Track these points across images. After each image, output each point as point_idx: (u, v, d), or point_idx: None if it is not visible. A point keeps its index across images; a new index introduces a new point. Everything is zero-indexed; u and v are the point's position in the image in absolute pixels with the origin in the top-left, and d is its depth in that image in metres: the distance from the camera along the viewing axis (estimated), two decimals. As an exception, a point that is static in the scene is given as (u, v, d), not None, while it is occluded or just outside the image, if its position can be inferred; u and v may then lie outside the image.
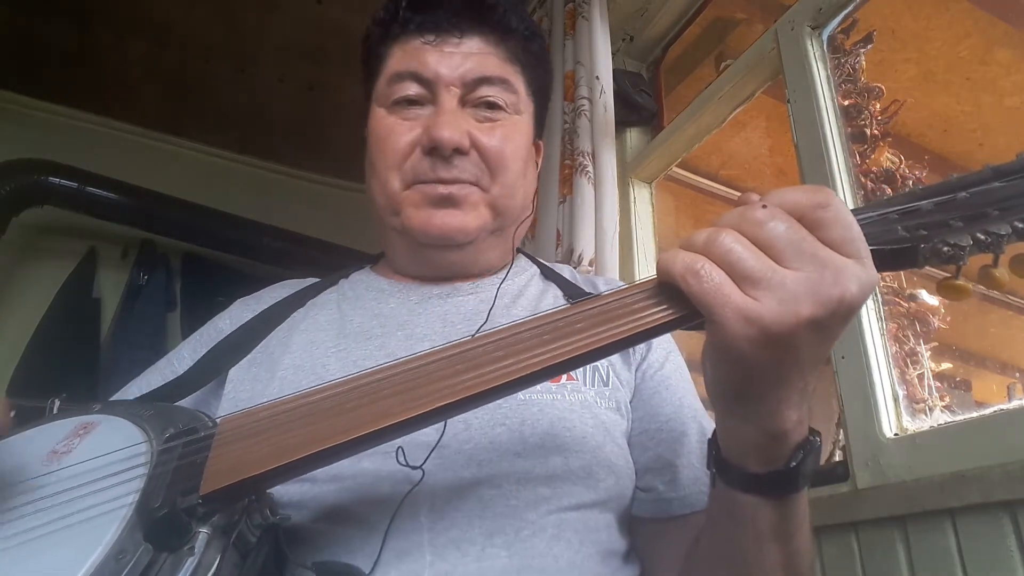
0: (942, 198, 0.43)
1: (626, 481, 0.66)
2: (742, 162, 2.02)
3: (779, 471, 0.47)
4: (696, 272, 0.41)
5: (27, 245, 2.50)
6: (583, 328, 0.45)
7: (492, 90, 0.75)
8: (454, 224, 0.73)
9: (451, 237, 0.73)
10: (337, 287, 0.82)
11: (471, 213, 0.73)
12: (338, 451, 0.46)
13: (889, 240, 0.43)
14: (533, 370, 0.45)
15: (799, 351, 0.42)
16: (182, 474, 0.47)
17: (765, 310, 0.40)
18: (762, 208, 0.42)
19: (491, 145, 0.74)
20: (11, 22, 2.36)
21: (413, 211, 0.73)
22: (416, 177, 0.73)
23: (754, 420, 0.45)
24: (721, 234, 0.42)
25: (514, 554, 0.56)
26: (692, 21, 1.88)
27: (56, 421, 0.59)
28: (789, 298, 0.40)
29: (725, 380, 0.45)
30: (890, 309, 1.15)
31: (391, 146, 0.74)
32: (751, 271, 0.41)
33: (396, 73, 0.76)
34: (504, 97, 0.76)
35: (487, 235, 0.76)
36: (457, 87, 0.74)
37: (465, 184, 0.73)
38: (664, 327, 0.45)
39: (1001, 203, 0.41)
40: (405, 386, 0.47)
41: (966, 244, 0.41)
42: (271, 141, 2.92)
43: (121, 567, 0.41)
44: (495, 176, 0.74)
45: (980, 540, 0.81)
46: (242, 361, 0.72)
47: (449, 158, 0.72)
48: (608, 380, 0.69)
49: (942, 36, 1.62)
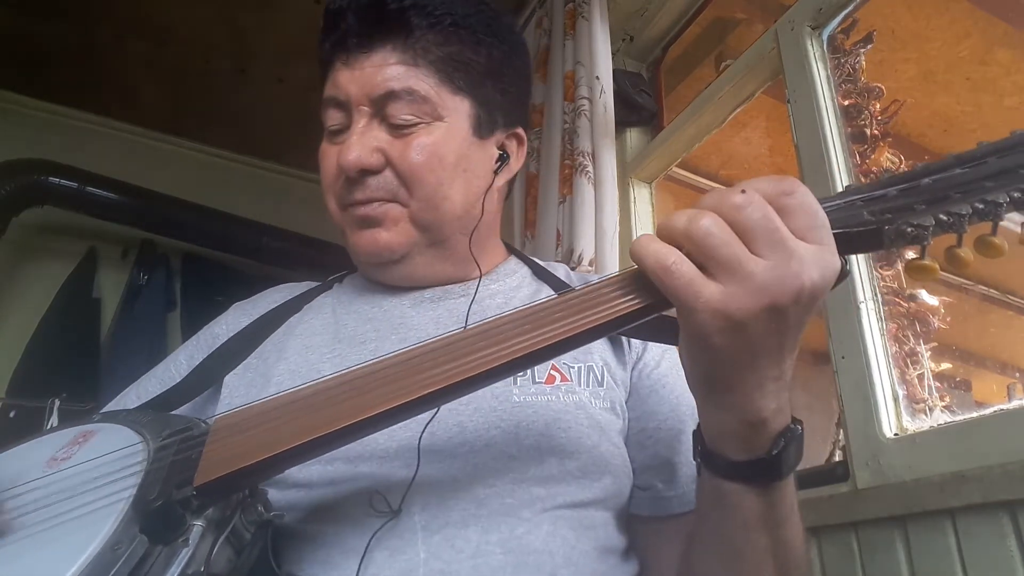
0: (906, 185, 0.45)
1: (623, 480, 0.66)
2: (742, 162, 2.03)
3: (761, 459, 0.49)
4: (667, 268, 0.43)
5: (27, 245, 2.51)
6: (562, 317, 0.47)
7: (397, 106, 0.71)
8: (378, 242, 0.72)
9: (379, 255, 0.73)
10: (332, 291, 0.82)
11: (392, 230, 0.72)
12: (328, 440, 0.47)
13: (855, 224, 0.45)
14: (513, 357, 0.46)
15: (766, 337, 0.44)
16: (177, 468, 0.48)
17: (732, 301, 0.42)
18: (741, 193, 0.43)
19: (403, 160, 0.71)
20: (11, 22, 2.36)
21: (350, 232, 0.75)
22: (341, 201, 0.74)
23: (730, 408, 0.47)
24: (703, 218, 0.43)
25: (509, 551, 0.56)
26: (692, 21, 1.88)
27: (56, 432, 0.61)
28: (756, 288, 0.42)
29: (699, 368, 0.48)
30: (890, 309, 1.15)
31: (325, 170, 0.75)
32: (725, 259, 0.42)
33: (323, 101, 0.76)
34: (411, 109, 0.71)
35: (424, 248, 0.74)
36: (366, 106, 0.72)
37: (382, 203, 0.72)
38: (638, 313, 0.46)
39: (962, 187, 0.44)
40: (391, 378, 0.49)
41: (929, 224, 0.43)
42: (271, 141, 2.92)
43: (117, 558, 0.42)
44: (411, 191, 0.71)
45: (980, 540, 0.81)
46: (238, 368, 0.72)
47: (360, 180, 0.71)
48: (603, 380, 0.70)
49: (942, 36, 1.62)
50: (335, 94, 0.73)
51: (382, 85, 0.71)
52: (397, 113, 0.71)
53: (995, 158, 0.44)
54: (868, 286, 1.10)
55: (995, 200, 0.42)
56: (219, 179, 2.92)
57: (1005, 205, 0.42)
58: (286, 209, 2.87)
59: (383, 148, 0.71)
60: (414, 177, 0.71)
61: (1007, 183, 0.43)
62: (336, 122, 0.74)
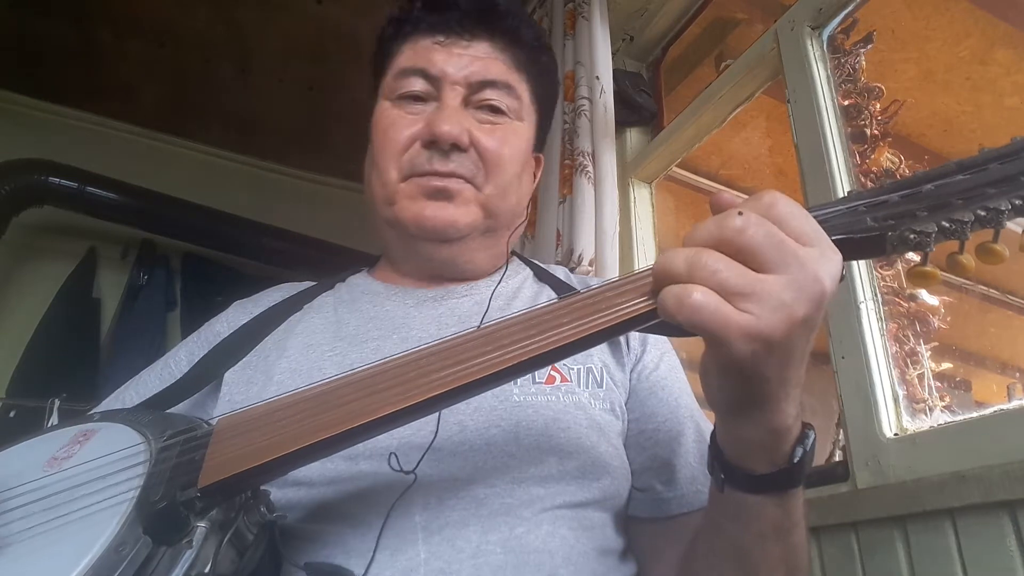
0: (909, 191, 0.45)
1: (621, 481, 0.67)
2: (742, 162, 2.02)
3: (783, 469, 0.48)
4: (692, 305, 0.41)
5: (27, 245, 2.51)
6: (568, 320, 0.47)
7: (495, 93, 0.77)
8: (445, 217, 0.73)
9: (442, 231, 0.74)
10: (333, 291, 0.82)
11: (462, 208, 0.74)
12: (332, 443, 0.47)
13: (858, 230, 0.45)
14: (518, 361, 0.46)
15: (796, 350, 0.43)
16: (181, 470, 0.48)
17: (763, 322, 0.41)
18: (738, 215, 0.42)
19: (489, 145, 0.75)
20: (11, 22, 2.36)
21: (408, 203, 0.74)
22: (413, 169, 0.74)
23: (759, 422, 0.47)
24: (702, 256, 0.42)
25: (509, 551, 0.56)
26: (692, 21, 1.88)
27: (56, 430, 0.61)
28: (780, 304, 0.41)
29: (728, 392, 0.46)
30: (890, 309, 1.15)
31: (392, 137, 0.75)
32: (740, 287, 0.41)
33: (404, 69, 0.77)
34: (506, 102, 0.77)
35: (478, 235, 0.76)
36: (462, 87, 0.75)
37: (460, 179, 0.74)
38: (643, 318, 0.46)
39: (964, 194, 0.43)
40: (396, 381, 0.48)
41: (931, 231, 0.43)
42: (271, 141, 2.93)
43: (121, 559, 0.42)
44: (490, 176, 0.75)
45: (980, 540, 0.81)
46: (238, 364, 0.72)
47: (447, 152, 0.73)
48: (602, 382, 0.70)
49: (942, 36, 1.62)
50: (426, 67, 0.76)
51: (483, 72, 0.76)
52: (492, 98, 0.76)
53: (997, 164, 0.43)
54: (868, 286, 1.11)
55: (997, 207, 0.42)
56: (219, 179, 2.92)
57: (1007, 212, 0.42)
58: (286, 209, 2.87)
59: (471, 130, 0.74)
60: (496, 165, 0.75)
61: (1009, 190, 0.42)
62: (417, 88, 0.76)
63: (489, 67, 0.77)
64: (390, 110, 0.77)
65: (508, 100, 0.78)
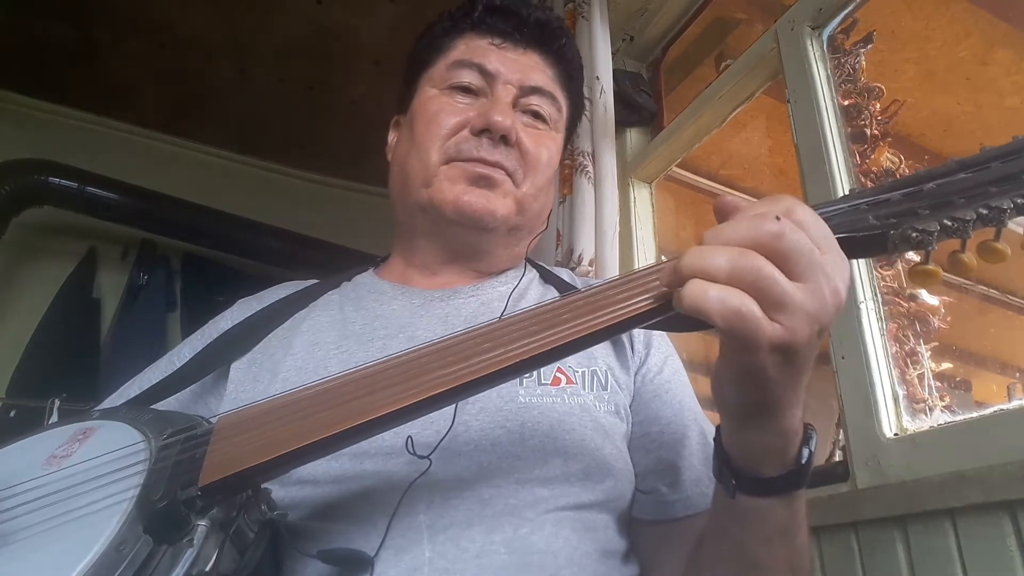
0: (910, 189, 0.45)
1: (625, 483, 0.67)
2: (742, 162, 2.02)
3: (792, 471, 0.49)
4: (735, 309, 0.40)
5: (27, 245, 2.51)
6: (569, 318, 0.47)
7: (541, 100, 0.81)
8: (485, 204, 0.75)
9: (479, 217, 0.75)
10: (339, 289, 0.82)
11: (501, 199, 0.76)
12: (333, 441, 0.46)
13: (860, 228, 0.45)
14: (522, 358, 0.46)
15: (809, 357, 0.44)
16: (181, 468, 0.48)
17: (793, 335, 0.41)
18: (775, 219, 0.42)
19: (531, 147, 0.78)
20: (11, 22, 2.36)
21: (447, 185, 0.75)
22: (459, 154, 0.76)
23: (771, 428, 0.47)
24: (749, 259, 0.41)
25: (513, 551, 0.57)
26: (692, 21, 1.88)
27: (55, 428, 0.60)
28: (807, 316, 0.41)
29: (744, 399, 0.47)
30: (890, 309, 1.15)
31: (440, 120, 0.77)
32: (780, 296, 0.41)
33: (459, 60, 0.80)
34: (549, 110, 0.82)
35: (505, 230, 0.78)
36: (514, 87, 0.79)
37: (503, 171, 0.76)
38: (645, 316, 0.46)
39: (966, 192, 0.43)
40: (398, 378, 0.48)
41: (934, 230, 0.43)
42: (271, 141, 2.92)
43: (122, 558, 0.42)
44: (527, 175, 0.78)
45: (980, 540, 0.81)
46: (243, 360, 0.72)
47: (495, 143, 0.76)
48: (607, 384, 0.70)
49: (942, 36, 1.62)
50: (483, 63, 0.80)
51: (534, 79, 0.81)
52: (539, 104, 0.81)
53: (998, 163, 0.44)
54: (868, 286, 1.11)
55: (999, 206, 0.42)
56: (219, 179, 2.92)
57: (1009, 211, 0.42)
58: (286, 209, 2.87)
59: (517, 129, 0.77)
60: (535, 166, 0.78)
61: (1011, 188, 0.42)
62: (470, 81, 0.79)
63: (539, 76, 0.81)
64: (439, 97, 0.79)
65: (551, 109, 0.82)
